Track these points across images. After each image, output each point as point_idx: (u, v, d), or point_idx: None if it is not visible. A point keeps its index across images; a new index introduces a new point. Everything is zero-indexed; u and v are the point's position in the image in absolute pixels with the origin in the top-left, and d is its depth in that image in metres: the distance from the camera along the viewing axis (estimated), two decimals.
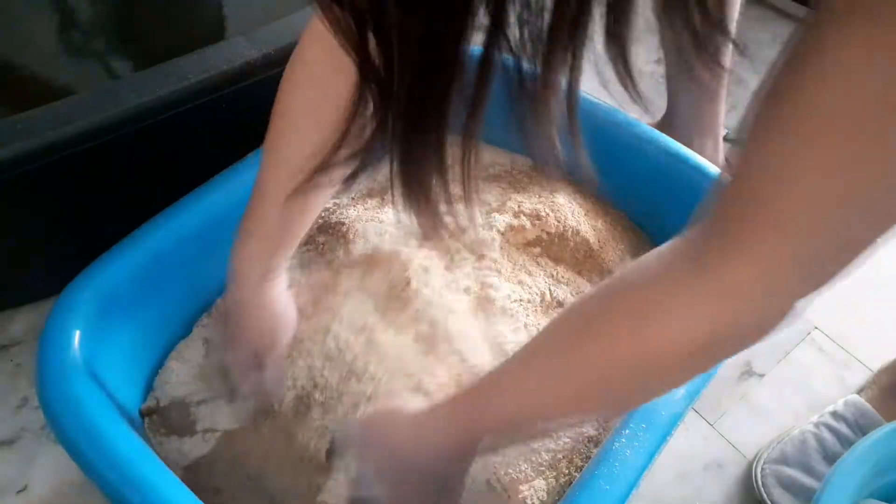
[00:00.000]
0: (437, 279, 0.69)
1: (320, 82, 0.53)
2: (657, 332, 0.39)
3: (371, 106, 0.32)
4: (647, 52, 1.21)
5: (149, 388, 0.69)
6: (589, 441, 0.63)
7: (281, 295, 0.63)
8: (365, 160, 0.34)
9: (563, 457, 0.60)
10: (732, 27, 0.32)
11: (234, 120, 0.78)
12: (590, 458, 0.59)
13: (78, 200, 0.77)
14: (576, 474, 0.58)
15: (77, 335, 0.60)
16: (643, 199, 0.81)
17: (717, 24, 0.33)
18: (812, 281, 0.37)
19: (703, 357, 0.40)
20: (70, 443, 0.55)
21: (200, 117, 0.75)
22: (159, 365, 0.70)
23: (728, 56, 0.33)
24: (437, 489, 0.54)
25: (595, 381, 0.43)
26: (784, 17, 1.27)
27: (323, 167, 0.36)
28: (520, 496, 0.58)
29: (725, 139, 1.05)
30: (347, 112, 0.33)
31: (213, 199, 0.70)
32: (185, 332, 0.72)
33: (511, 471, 0.60)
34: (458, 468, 0.54)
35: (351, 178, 0.35)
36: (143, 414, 0.67)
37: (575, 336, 0.44)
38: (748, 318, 0.37)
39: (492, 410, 0.48)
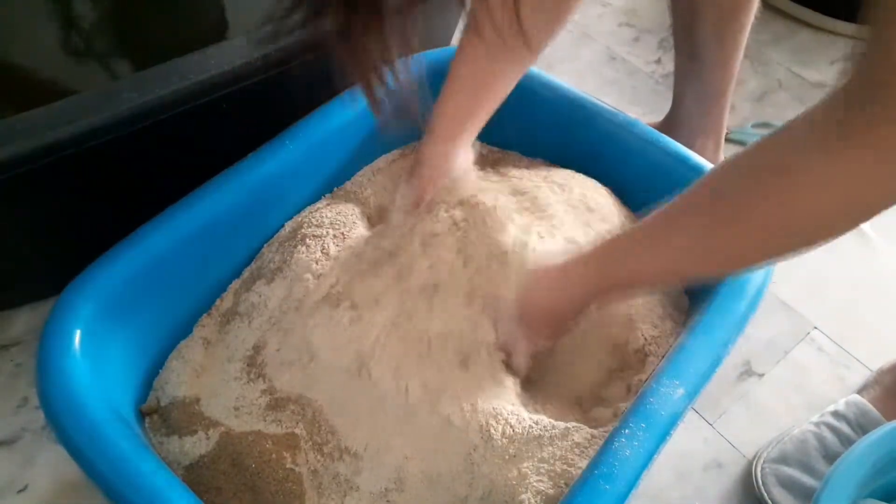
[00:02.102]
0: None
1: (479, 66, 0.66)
2: (805, 199, 0.42)
3: None
4: (646, 53, 1.21)
5: (149, 388, 0.69)
6: (588, 441, 0.63)
7: (464, 160, 0.71)
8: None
9: (563, 457, 0.60)
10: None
11: (234, 120, 0.78)
12: (589, 458, 0.59)
13: (78, 200, 0.77)
14: (576, 474, 0.58)
15: (77, 335, 0.60)
16: (642, 199, 0.81)
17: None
18: None
19: (851, 218, 0.43)
20: (70, 442, 0.55)
21: (200, 117, 0.75)
22: (159, 365, 0.70)
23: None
24: (559, 326, 0.64)
25: (737, 247, 0.48)
26: (784, 18, 1.27)
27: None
28: (519, 497, 0.58)
29: (727, 139, 1.05)
30: None
31: (214, 199, 0.70)
32: (186, 332, 0.72)
33: (510, 473, 0.60)
34: (583, 308, 0.62)
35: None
36: (143, 413, 0.67)
37: (719, 205, 0.48)
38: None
39: (624, 269, 0.56)
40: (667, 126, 0.98)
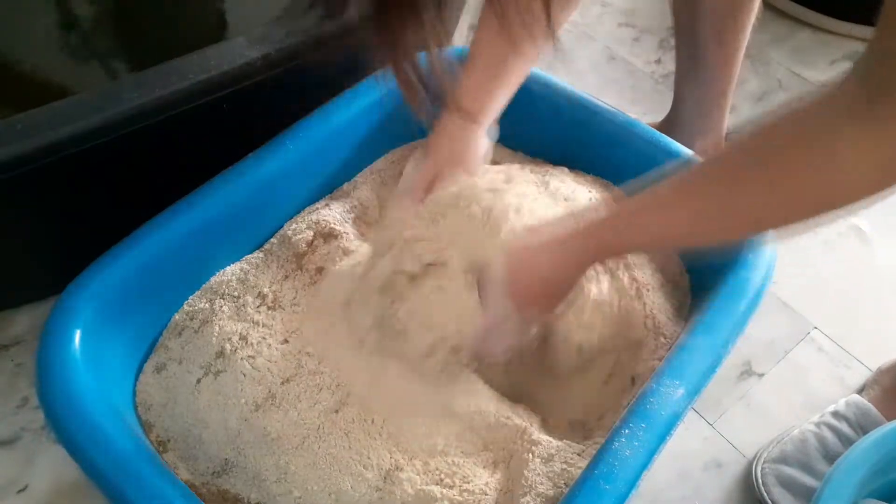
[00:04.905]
0: None
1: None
2: (836, 165, 0.42)
3: None
4: (647, 52, 1.21)
5: None
6: (588, 440, 0.63)
7: (481, 140, 0.71)
8: None
9: (563, 456, 0.60)
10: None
11: (234, 120, 0.78)
12: (589, 458, 0.59)
13: (78, 200, 0.77)
14: (575, 474, 0.58)
15: (77, 335, 0.60)
16: None
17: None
18: None
19: (874, 191, 0.43)
20: (70, 442, 0.55)
21: (200, 117, 0.75)
22: None
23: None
24: (551, 299, 0.62)
25: (749, 219, 0.49)
26: (784, 18, 1.27)
27: None
28: (520, 500, 0.58)
29: (727, 139, 1.05)
30: None
31: (214, 199, 0.70)
32: None
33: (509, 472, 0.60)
34: (578, 278, 0.61)
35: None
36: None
37: (741, 172, 0.47)
38: None
39: (627, 237, 0.55)
40: (667, 126, 0.98)
